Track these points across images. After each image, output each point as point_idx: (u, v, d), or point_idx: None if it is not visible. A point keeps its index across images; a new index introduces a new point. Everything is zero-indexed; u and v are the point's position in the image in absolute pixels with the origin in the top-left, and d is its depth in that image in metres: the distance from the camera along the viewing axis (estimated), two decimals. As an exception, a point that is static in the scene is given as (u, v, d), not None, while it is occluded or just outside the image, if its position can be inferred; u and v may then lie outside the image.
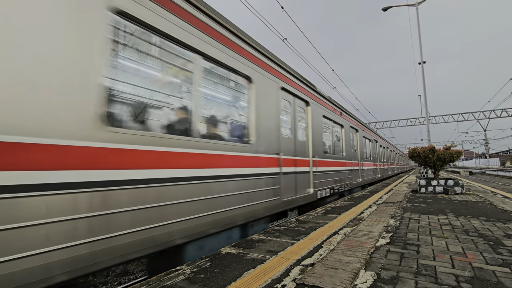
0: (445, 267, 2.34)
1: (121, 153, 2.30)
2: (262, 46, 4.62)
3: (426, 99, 14.53)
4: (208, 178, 3.22)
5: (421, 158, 8.90)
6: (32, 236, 1.74)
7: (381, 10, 15.54)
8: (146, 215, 2.46)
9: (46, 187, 1.81)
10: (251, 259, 2.67)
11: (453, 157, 8.45)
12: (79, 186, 1.99)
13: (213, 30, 3.53)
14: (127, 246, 2.29)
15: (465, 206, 5.69)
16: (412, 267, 2.35)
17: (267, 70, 4.74)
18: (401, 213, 4.94)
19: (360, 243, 3.08)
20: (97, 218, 2.09)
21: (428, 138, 13.93)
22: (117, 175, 2.24)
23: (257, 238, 3.50)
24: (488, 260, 2.48)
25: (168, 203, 2.68)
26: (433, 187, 8.27)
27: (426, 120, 14.62)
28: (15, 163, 1.68)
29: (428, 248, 2.87)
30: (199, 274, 2.32)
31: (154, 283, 2.16)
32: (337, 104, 8.77)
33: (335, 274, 2.20)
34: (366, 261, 2.50)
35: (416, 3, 14.31)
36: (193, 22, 3.21)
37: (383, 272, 2.24)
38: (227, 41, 3.78)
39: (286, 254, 2.79)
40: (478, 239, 3.18)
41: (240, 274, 2.29)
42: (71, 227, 1.94)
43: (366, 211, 5.28)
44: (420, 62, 14.82)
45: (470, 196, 7.44)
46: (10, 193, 1.67)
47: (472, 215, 4.67)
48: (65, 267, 1.90)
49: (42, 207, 1.80)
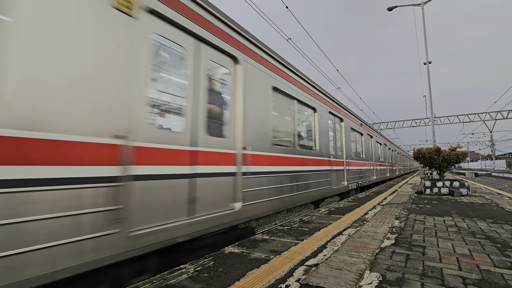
0: (451, 269, 2.31)
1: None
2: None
3: (431, 100, 14.40)
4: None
5: (426, 159, 8.81)
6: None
7: (387, 10, 15.43)
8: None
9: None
10: (254, 259, 2.66)
11: (458, 158, 8.35)
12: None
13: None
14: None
15: (471, 208, 5.62)
16: (418, 268, 2.32)
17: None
18: (406, 214, 4.89)
19: (365, 244, 3.05)
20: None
21: (433, 139, 13.81)
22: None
23: (261, 237, 3.48)
24: (496, 263, 2.44)
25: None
26: (438, 189, 8.18)
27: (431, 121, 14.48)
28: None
29: (434, 250, 2.83)
30: (202, 273, 2.31)
31: (158, 281, 2.16)
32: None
33: (339, 275, 2.18)
34: (371, 262, 2.47)
35: (421, 2, 14.19)
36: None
37: (388, 274, 2.21)
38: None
39: (290, 254, 2.78)
40: (485, 241, 3.13)
41: (243, 274, 2.28)
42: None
43: (371, 212, 5.24)
44: (425, 62, 14.70)
45: (476, 198, 7.35)
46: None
47: (479, 217, 4.60)
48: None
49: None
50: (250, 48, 4.21)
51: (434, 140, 13.80)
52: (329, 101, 7.66)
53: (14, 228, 1.66)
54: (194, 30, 3.15)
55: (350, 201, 6.95)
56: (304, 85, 6.11)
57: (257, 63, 4.33)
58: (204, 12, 3.33)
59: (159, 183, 2.59)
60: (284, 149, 4.92)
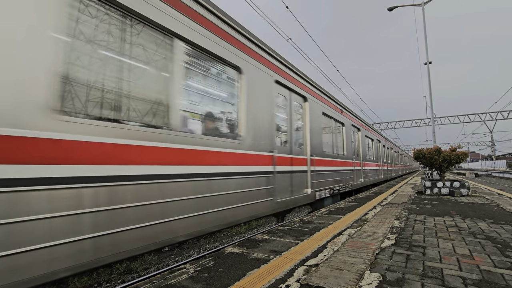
0: (452, 269, 2.31)
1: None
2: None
3: (431, 100, 14.40)
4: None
5: (427, 159, 8.80)
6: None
7: (387, 10, 15.43)
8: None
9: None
10: (254, 259, 2.65)
11: (459, 158, 8.35)
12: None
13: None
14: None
15: (472, 208, 5.61)
16: (418, 269, 2.32)
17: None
18: (406, 215, 4.88)
19: (365, 244, 3.04)
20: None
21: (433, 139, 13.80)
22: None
23: (261, 237, 3.48)
24: (496, 263, 2.44)
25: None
26: (439, 189, 8.17)
27: (431, 121, 14.48)
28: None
29: (434, 250, 2.83)
30: (202, 273, 2.31)
31: (158, 281, 2.16)
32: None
33: (340, 275, 2.18)
34: (371, 262, 2.47)
35: (422, 3, 14.18)
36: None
37: (388, 274, 2.21)
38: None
39: (290, 254, 2.77)
40: (485, 242, 3.12)
41: (243, 274, 2.28)
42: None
43: (371, 212, 5.23)
44: (426, 63, 14.69)
45: (477, 198, 7.34)
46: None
47: (479, 217, 4.60)
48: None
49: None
50: (363, 123, 9.19)
51: (435, 140, 13.80)
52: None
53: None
54: (357, 126, 9.99)
55: (350, 201, 6.94)
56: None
57: (364, 129, 8.58)
58: (357, 119, 9.26)
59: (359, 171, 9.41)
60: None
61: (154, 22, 2.78)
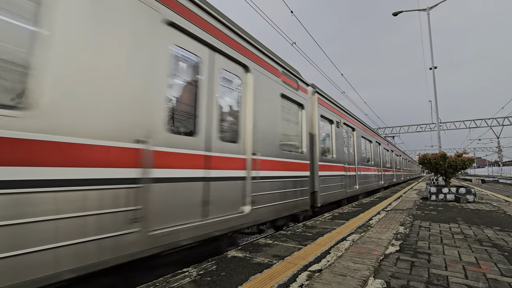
0: (457, 277, 2.27)
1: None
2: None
3: (437, 105, 14.29)
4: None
5: (432, 164, 8.72)
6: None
7: (392, 15, 15.44)
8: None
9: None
10: (257, 263, 2.65)
11: (465, 164, 8.25)
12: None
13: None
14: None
15: (478, 215, 5.53)
16: (423, 276, 2.29)
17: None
18: (411, 221, 4.83)
19: (369, 250, 3.02)
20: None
21: (439, 145, 13.66)
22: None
23: (264, 242, 3.47)
24: (503, 272, 2.40)
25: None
26: (444, 195, 8.07)
27: (437, 126, 14.35)
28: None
29: (439, 257, 2.79)
30: (205, 277, 2.31)
31: (161, 284, 2.16)
32: (387, 140, 14.07)
33: (343, 281, 2.16)
34: (375, 269, 2.45)
35: (427, 8, 14.17)
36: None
37: (393, 281, 2.19)
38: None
39: (293, 259, 2.76)
40: (492, 249, 3.07)
41: (246, 278, 2.27)
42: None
43: (375, 217, 5.19)
44: (431, 68, 14.62)
45: (483, 204, 7.23)
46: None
47: (485, 224, 4.53)
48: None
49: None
50: (380, 137, 13.57)
51: (440, 145, 13.66)
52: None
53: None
54: (380, 141, 14.48)
55: (354, 206, 6.89)
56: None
57: (382, 143, 14.16)
58: (376, 136, 13.17)
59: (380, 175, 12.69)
60: (388, 166, 12.78)
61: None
